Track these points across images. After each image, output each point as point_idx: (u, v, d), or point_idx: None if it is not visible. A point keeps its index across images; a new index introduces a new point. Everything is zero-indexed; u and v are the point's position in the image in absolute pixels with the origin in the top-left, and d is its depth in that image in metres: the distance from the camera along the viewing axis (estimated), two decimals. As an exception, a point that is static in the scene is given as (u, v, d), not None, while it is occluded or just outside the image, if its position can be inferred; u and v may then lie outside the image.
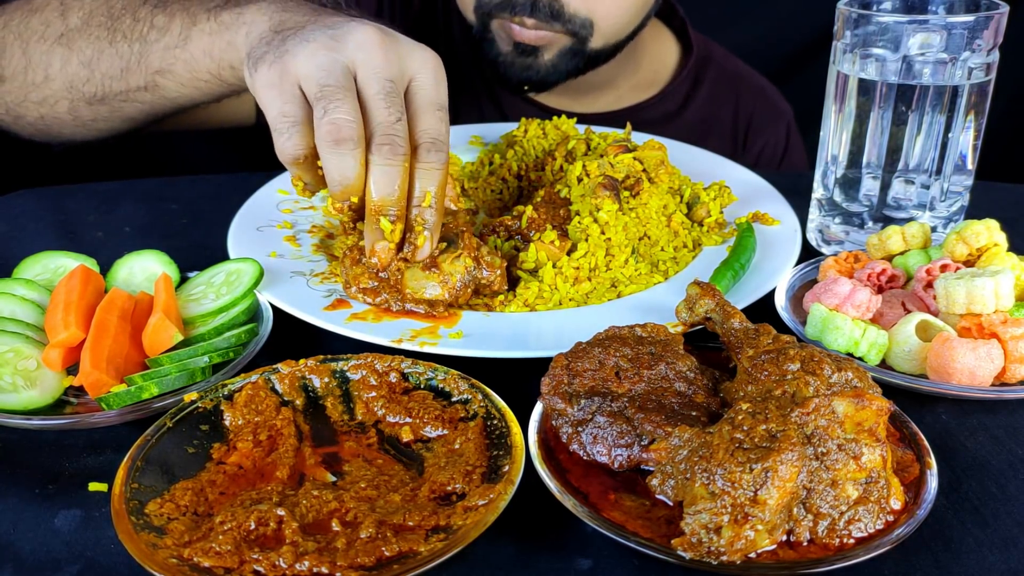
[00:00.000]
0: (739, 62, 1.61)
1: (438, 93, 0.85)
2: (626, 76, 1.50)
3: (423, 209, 0.84)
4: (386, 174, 0.82)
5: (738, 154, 1.55)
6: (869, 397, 0.58)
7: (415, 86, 0.85)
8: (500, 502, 0.59)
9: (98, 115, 1.12)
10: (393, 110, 0.82)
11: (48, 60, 1.09)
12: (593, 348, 0.69)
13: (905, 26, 0.88)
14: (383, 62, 0.82)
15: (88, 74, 1.08)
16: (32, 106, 1.13)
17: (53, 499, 0.65)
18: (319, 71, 0.81)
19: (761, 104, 1.58)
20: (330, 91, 0.80)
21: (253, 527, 0.58)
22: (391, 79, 0.82)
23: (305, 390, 0.74)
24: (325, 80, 0.81)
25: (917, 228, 0.89)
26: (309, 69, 0.82)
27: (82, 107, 1.11)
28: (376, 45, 0.82)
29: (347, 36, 0.83)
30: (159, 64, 1.03)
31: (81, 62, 1.08)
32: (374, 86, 0.82)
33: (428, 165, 0.84)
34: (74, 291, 0.81)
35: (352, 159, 0.81)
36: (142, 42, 1.03)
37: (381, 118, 0.81)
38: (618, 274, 0.90)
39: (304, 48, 0.83)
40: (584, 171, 0.98)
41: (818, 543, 0.56)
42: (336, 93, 0.80)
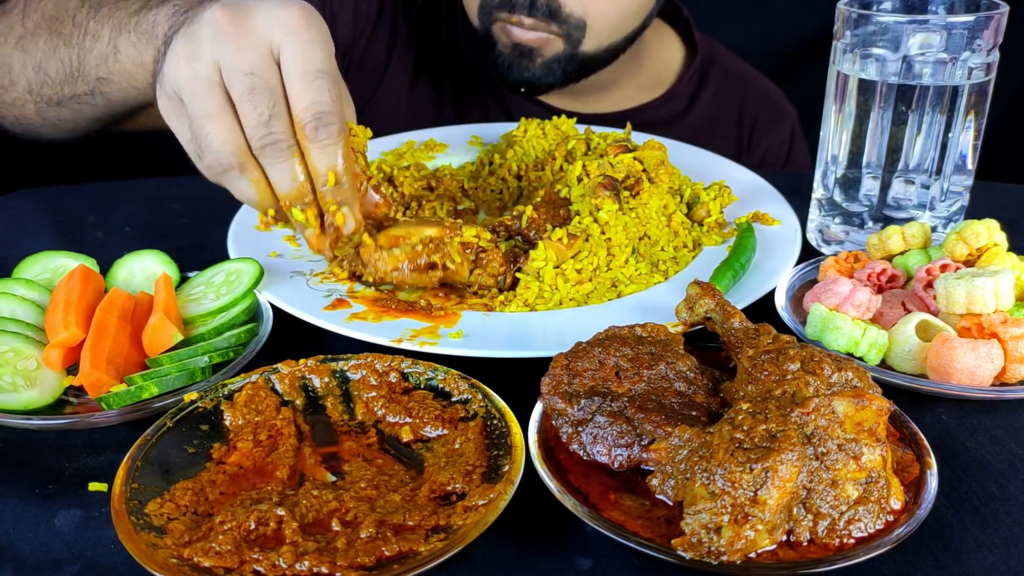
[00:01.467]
0: (743, 64, 1.61)
1: (313, 56, 0.80)
2: (630, 76, 1.50)
3: (328, 190, 0.83)
4: (279, 172, 0.81)
5: (743, 156, 1.55)
6: (869, 397, 0.58)
7: (284, 59, 0.80)
8: (500, 502, 0.59)
9: (61, 116, 1.11)
10: (261, 108, 0.79)
11: (10, 63, 1.09)
12: (593, 348, 0.69)
13: (905, 26, 0.88)
14: (237, 54, 0.78)
15: (42, 78, 1.07)
16: (6, 108, 1.13)
17: (53, 499, 0.65)
18: (185, 94, 0.79)
19: (766, 106, 1.58)
20: (199, 123, 0.79)
21: (253, 527, 0.58)
22: (251, 71, 0.78)
23: (305, 390, 0.74)
24: (192, 107, 0.79)
25: (917, 228, 0.89)
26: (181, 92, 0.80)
27: (45, 109, 1.11)
28: (228, 34, 0.78)
29: (200, 31, 0.79)
30: (97, 72, 1.01)
31: (34, 66, 1.07)
32: (236, 87, 0.79)
33: (319, 143, 0.81)
34: (74, 291, 0.81)
35: (244, 182, 0.82)
36: (80, 49, 1.02)
37: (251, 121, 0.79)
38: (618, 274, 0.90)
39: (169, 61, 0.81)
40: (584, 171, 0.98)
41: (818, 543, 0.56)
42: (204, 124, 0.79)
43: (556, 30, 1.28)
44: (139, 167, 1.72)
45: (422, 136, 1.26)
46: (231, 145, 0.79)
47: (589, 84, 1.42)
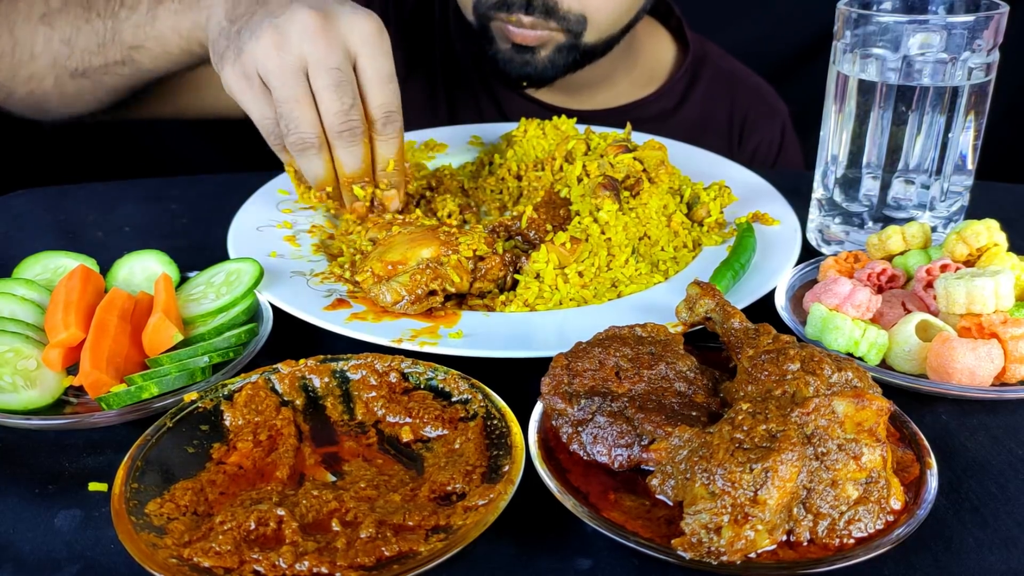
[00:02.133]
0: (735, 61, 1.62)
1: (385, 64, 0.93)
2: (623, 72, 1.50)
3: (386, 174, 0.98)
4: (350, 154, 0.94)
5: (734, 151, 1.56)
6: (869, 397, 0.58)
7: (362, 63, 0.92)
8: (500, 502, 0.59)
9: (82, 88, 1.17)
10: (345, 98, 0.90)
11: (33, 39, 1.14)
12: (593, 348, 0.69)
13: (905, 26, 0.88)
14: (327, 51, 0.89)
15: (69, 51, 1.14)
16: (21, 83, 1.18)
17: (53, 499, 0.65)
18: (275, 79, 0.90)
19: (757, 102, 1.59)
20: (288, 106, 0.90)
21: (253, 527, 0.58)
22: (337, 67, 0.89)
23: (305, 390, 0.74)
24: (282, 91, 0.90)
25: (917, 228, 0.89)
26: (267, 74, 0.90)
27: (66, 81, 1.16)
28: (318, 33, 0.88)
29: (289, 26, 0.89)
30: (132, 40, 1.09)
31: (62, 40, 1.14)
32: (323, 78, 0.89)
33: (386, 136, 0.95)
34: (74, 291, 0.81)
35: (319, 160, 0.95)
36: (114, 19, 1.10)
37: (335, 108, 0.90)
38: (618, 274, 0.90)
39: (256, 46, 0.90)
40: (584, 171, 0.98)
41: (818, 543, 0.56)
42: (294, 108, 0.90)
43: (555, 26, 1.28)
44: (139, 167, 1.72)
45: (422, 136, 1.26)
46: (315, 128, 0.92)
47: (583, 80, 1.43)
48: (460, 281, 0.85)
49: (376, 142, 0.96)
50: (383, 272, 0.85)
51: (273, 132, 0.94)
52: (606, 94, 1.52)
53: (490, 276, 0.87)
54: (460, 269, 0.85)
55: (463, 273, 0.85)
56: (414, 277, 0.83)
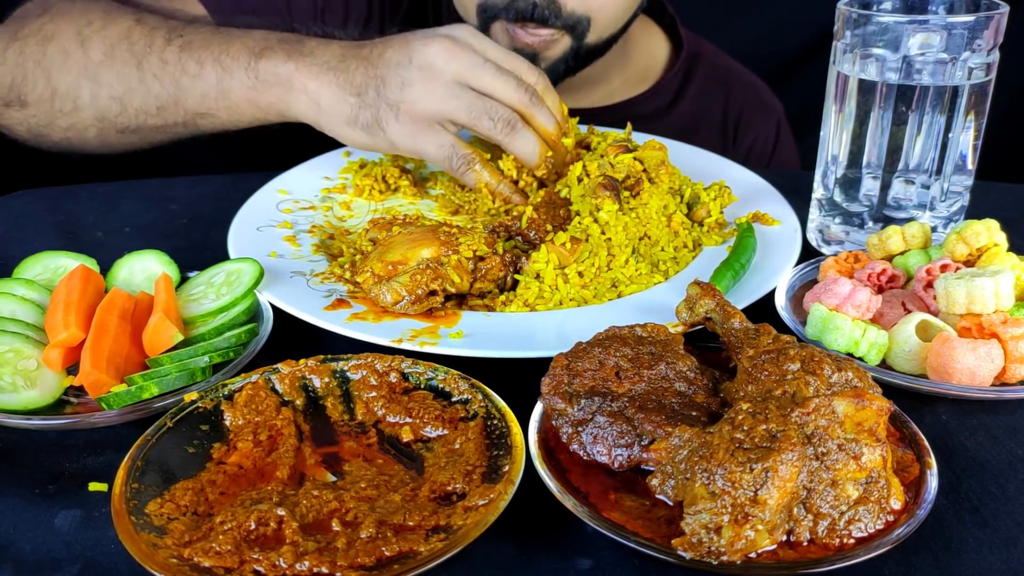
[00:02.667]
0: (729, 59, 1.62)
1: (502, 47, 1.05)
2: (617, 70, 1.51)
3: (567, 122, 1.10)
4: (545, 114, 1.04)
5: (728, 149, 1.56)
6: (869, 397, 0.58)
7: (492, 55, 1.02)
8: (500, 502, 0.59)
9: (127, 142, 1.17)
10: (509, 76, 1.01)
11: (76, 92, 1.11)
12: (593, 348, 0.69)
13: (905, 26, 0.88)
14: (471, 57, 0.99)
15: (120, 108, 1.11)
16: (59, 130, 1.16)
17: (53, 499, 0.65)
18: (450, 102, 0.99)
19: (751, 100, 1.59)
20: (477, 108, 0.99)
21: (253, 527, 0.58)
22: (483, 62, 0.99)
23: (305, 390, 0.74)
24: (464, 104, 0.99)
25: (917, 228, 0.89)
26: (439, 107, 0.99)
27: (112, 135, 1.15)
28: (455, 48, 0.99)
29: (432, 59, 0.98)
30: (197, 108, 1.08)
31: (112, 96, 1.10)
32: (484, 75, 1.00)
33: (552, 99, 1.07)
34: (74, 291, 0.81)
35: (529, 133, 1.03)
36: (176, 86, 1.07)
37: (511, 85, 1.01)
38: (618, 274, 0.90)
39: (412, 91, 0.99)
40: (584, 171, 0.98)
41: (818, 543, 0.56)
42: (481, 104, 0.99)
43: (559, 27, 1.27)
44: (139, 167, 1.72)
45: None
46: (508, 110, 1.01)
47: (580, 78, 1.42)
48: (460, 281, 0.85)
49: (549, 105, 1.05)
50: (383, 272, 0.85)
51: (453, 155, 1.02)
52: (600, 92, 1.52)
53: (490, 276, 0.87)
54: (460, 269, 0.85)
55: (463, 273, 0.85)
56: (414, 277, 0.83)
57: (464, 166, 1.03)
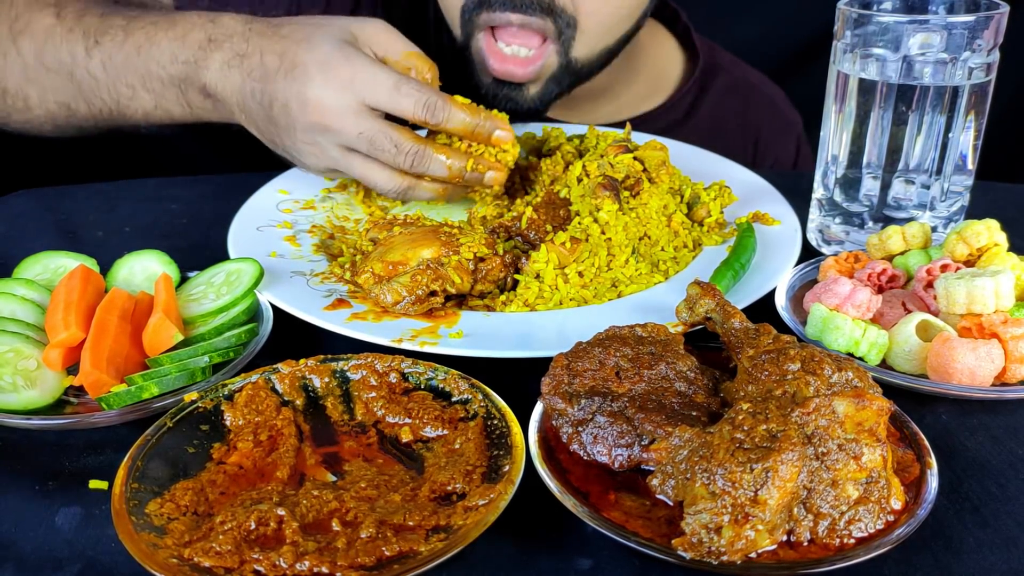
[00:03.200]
0: (747, 68, 1.55)
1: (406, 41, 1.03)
2: (625, 85, 1.43)
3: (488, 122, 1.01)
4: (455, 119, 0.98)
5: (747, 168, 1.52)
6: (869, 397, 0.58)
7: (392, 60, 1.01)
8: (500, 502, 0.59)
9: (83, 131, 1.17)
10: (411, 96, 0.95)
11: (25, 92, 1.13)
12: (593, 348, 0.69)
13: (905, 26, 0.88)
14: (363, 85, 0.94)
15: (68, 113, 1.13)
16: (16, 124, 1.18)
17: (53, 497, 0.65)
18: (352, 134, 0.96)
19: (770, 116, 1.52)
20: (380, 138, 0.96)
21: (253, 527, 0.58)
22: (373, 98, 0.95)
23: (305, 390, 0.74)
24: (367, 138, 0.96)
25: (917, 228, 0.89)
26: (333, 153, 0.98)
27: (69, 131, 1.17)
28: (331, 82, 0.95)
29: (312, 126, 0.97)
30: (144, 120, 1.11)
31: (57, 102, 1.13)
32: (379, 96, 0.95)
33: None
34: (74, 291, 0.81)
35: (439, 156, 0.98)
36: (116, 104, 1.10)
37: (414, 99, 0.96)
38: (618, 274, 0.90)
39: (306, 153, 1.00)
40: (584, 171, 0.98)
41: (818, 543, 0.56)
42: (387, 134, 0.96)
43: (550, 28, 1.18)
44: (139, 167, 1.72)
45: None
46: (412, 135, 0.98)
47: (582, 93, 1.34)
48: (461, 282, 0.85)
49: None
50: (384, 272, 0.85)
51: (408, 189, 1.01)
52: (608, 107, 1.44)
53: (490, 277, 0.87)
54: (461, 270, 0.85)
55: (464, 274, 0.85)
56: (415, 278, 0.83)
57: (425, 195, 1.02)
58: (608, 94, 1.43)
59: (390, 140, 0.96)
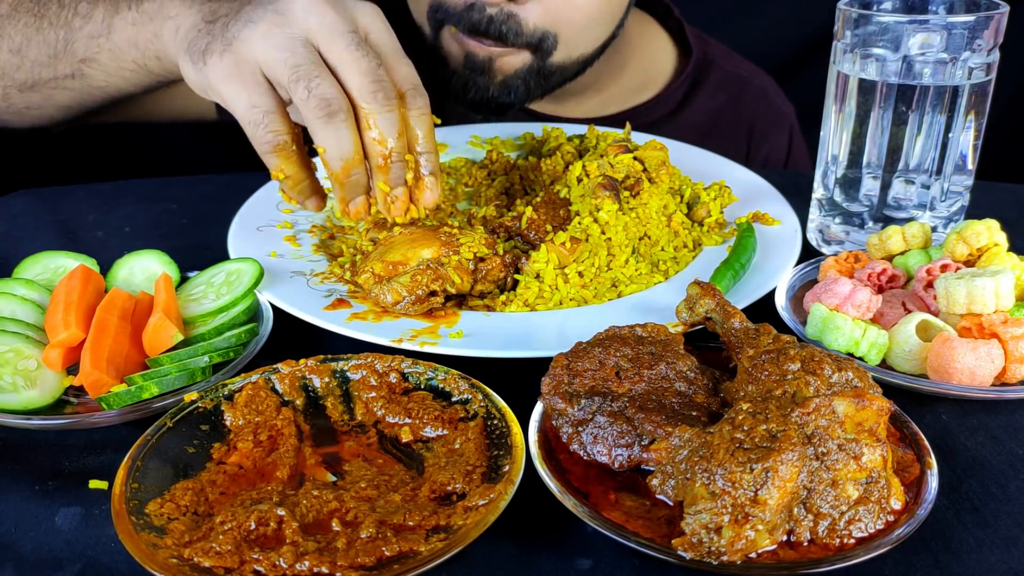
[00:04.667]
0: (740, 61, 1.55)
1: (395, 41, 0.86)
2: (612, 78, 1.42)
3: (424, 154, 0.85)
4: (387, 121, 0.81)
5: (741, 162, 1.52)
6: (869, 397, 0.58)
7: (374, 38, 0.84)
8: (500, 502, 0.59)
9: (30, 102, 1.12)
10: (370, 57, 0.81)
11: None
12: (593, 348, 0.69)
13: (905, 26, 0.88)
14: (337, 18, 0.81)
15: (19, 61, 1.08)
16: None
17: (53, 496, 0.65)
18: (281, 52, 0.80)
19: (763, 108, 1.52)
20: (304, 70, 0.79)
21: (253, 527, 0.58)
22: (352, 31, 0.81)
23: (305, 390, 0.74)
24: (293, 60, 0.79)
25: (917, 228, 0.89)
26: (268, 53, 0.80)
27: (14, 94, 1.11)
28: (323, 4, 0.81)
29: (291, 7, 0.82)
30: (84, 52, 1.03)
31: (11, 49, 1.08)
32: (340, 42, 0.80)
33: (418, 110, 0.84)
34: (74, 291, 0.81)
35: (347, 129, 0.80)
36: (67, 29, 1.03)
37: (362, 67, 0.80)
38: (618, 274, 0.90)
39: (253, 31, 0.81)
40: (584, 171, 0.98)
41: (818, 543, 0.56)
42: (312, 70, 0.79)
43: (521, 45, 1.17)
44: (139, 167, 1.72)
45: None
46: (341, 93, 0.80)
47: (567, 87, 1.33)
48: (461, 282, 0.85)
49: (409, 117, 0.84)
50: (384, 272, 0.85)
51: (262, 120, 0.81)
52: (595, 101, 1.43)
53: (491, 277, 0.87)
54: (461, 270, 0.85)
55: (464, 274, 0.85)
56: (415, 278, 0.83)
57: (267, 144, 0.83)
58: (595, 88, 1.41)
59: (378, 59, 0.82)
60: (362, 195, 0.86)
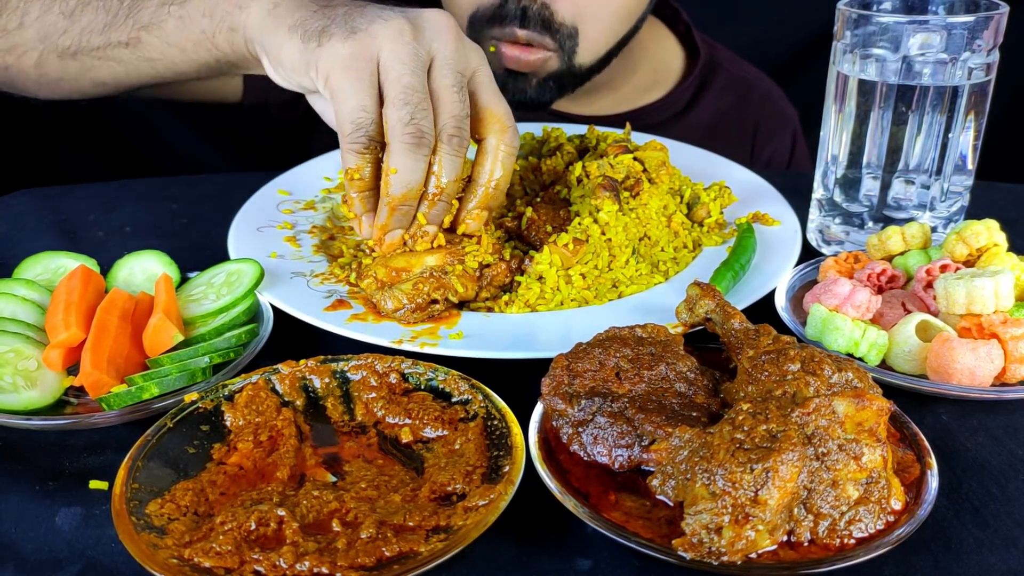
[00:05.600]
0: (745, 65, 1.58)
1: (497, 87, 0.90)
2: (624, 78, 1.47)
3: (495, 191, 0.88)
4: (452, 163, 0.84)
5: (745, 163, 1.54)
6: (869, 397, 0.58)
7: (478, 79, 0.88)
8: (500, 502, 0.59)
9: (66, 73, 1.07)
10: (464, 104, 0.84)
11: (26, 6, 1.04)
12: (593, 349, 0.69)
13: (905, 26, 0.88)
14: (456, 54, 0.84)
15: (67, 25, 1.03)
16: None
17: (54, 497, 0.65)
18: (404, 66, 0.81)
19: (768, 111, 1.55)
20: (416, 96, 0.81)
21: (253, 527, 0.58)
22: (462, 72, 0.84)
23: (305, 391, 0.74)
24: (410, 80, 0.81)
25: (917, 228, 0.89)
26: (392, 59, 0.81)
27: (52, 60, 1.05)
28: (452, 36, 0.84)
29: (424, 23, 0.84)
30: (150, 18, 0.99)
31: (62, 11, 1.03)
32: (449, 78, 0.83)
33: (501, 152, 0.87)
34: (74, 291, 0.81)
35: (424, 162, 0.83)
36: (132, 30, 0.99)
37: (455, 111, 0.83)
38: (618, 274, 0.90)
39: (385, 29, 0.82)
40: (584, 171, 0.98)
41: (819, 543, 0.57)
42: (423, 100, 0.81)
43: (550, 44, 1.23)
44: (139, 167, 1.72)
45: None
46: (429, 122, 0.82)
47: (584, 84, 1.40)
48: (465, 291, 0.85)
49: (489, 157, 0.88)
50: (387, 278, 0.84)
51: (363, 127, 0.82)
52: (608, 100, 1.48)
53: (496, 283, 0.87)
54: (465, 278, 0.85)
55: (468, 283, 0.85)
56: (417, 286, 0.83)
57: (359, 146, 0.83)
58: (608, 87, 1.46)
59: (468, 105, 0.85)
60: (402, 230, 0.87)
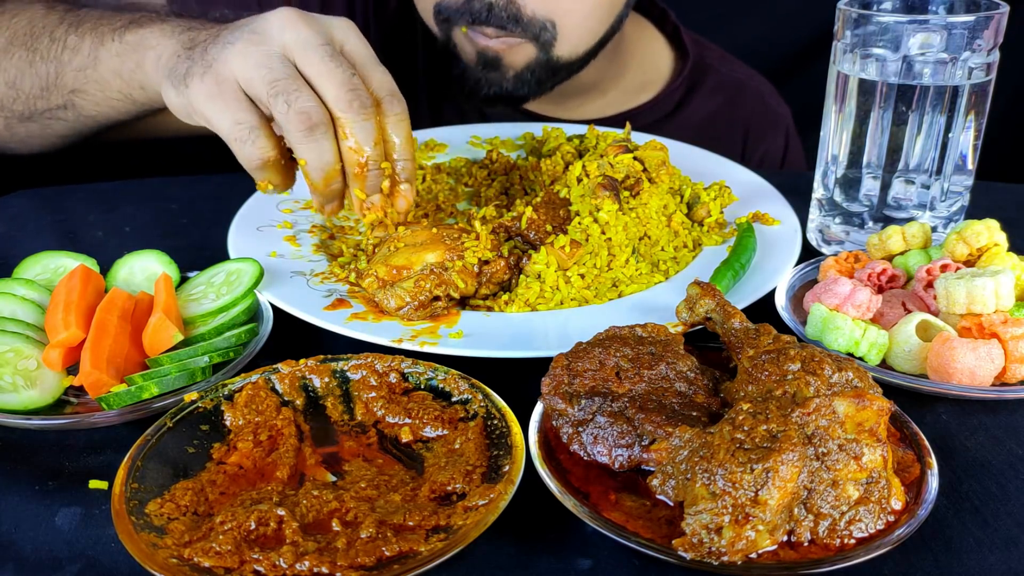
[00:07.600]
0: (736, 64, 1.58)
1: (372, 51, 0.88)
2: (612, 80, 1.46)
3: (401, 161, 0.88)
4: (364, 130, 0.84)
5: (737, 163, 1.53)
6: (870, 397, 0.58)
7: (348, 49, 0.86)
8: (500, 502, 0.59)
9: (30, 132, 1.17)
10: (344, 67, 0.83)
11: None
12: (593, 348, 0.69)
13: (905, 26, 0.88)
14: (311, 33, 0.83)
15: (15, 94, 1.12)
16: None
17: (53, 496, 0.65)
18: (259, 69, 0.82)
19: (759, 110, 1.55)
20: (282, 84, 0.81)
21: (253, 527, 0.58)
22: (326, 43, 0.84)
23: (305, 390, 0.74)
24: (271, 75, 0.82)
25: (917, 228, 0.89)
26: (247, 71, 0.83)
27: (15, 124, 1.16)
28: (297, 21, 0.84)
29: (266, 26, 0.84)
30: (73, 84, 1.07)
31: (7, 82, 1.12)
32: (315, 55, 0.83)
33: (395, 116, 0.86)
34: (74, 291, 0.81)
35: (327, 141, 0.83)
36: (57, 62, 1.07)
37: (337, 78, 0.82)
38: (619, 274, 0.90)
39: (231, 51, 0.84)
40: (584, 171, 0.98)
41: (819, 543, 0.56)
42: (290, 84, 0.82)
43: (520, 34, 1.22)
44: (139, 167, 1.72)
45: (423, 136, 1.26)
46: (319, 104, 0.82)
47: (570, 88, 1.37)
48: (465, 286, 0.85)
49: (386, 124, 0.86)
50: (388, 277, 0.84)
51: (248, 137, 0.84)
52: (596, 103, 1.47)
53: (495, 279, 0.87)
54: (465, 274, 0.85)
55: (468, 279, 0.85)
56: (418, 283, 0.83)
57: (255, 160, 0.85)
58: (596, 90, 1.46)
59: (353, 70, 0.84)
60: (337, 200, 0.90)
